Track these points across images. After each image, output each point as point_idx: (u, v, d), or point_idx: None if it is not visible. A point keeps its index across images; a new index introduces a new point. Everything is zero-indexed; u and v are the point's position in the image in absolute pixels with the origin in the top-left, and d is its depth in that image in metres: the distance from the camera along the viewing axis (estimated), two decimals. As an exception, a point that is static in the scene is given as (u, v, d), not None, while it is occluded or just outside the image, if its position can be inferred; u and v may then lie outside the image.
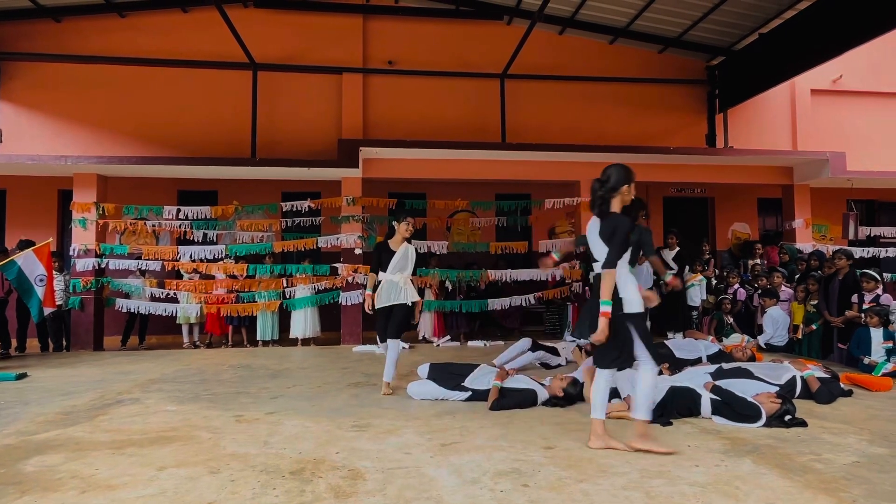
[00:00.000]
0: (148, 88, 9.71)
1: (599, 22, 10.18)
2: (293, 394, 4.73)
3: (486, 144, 8.75)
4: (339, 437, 3.46)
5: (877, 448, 3.24)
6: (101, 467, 2.92)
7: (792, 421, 3.64)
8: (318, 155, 9.31)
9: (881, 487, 2.65)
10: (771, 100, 10.85)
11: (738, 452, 3.15)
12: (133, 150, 9.40)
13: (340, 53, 10.08)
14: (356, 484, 2.69)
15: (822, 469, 2.90)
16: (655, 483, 2.69)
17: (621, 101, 10.65)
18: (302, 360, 6.74)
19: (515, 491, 2.60)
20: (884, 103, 11.24)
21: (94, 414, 4.05)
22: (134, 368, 6.07)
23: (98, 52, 9.48)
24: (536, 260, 8.99)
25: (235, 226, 8.54)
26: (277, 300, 8.13)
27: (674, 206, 10.97)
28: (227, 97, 9.77)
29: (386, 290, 4.70)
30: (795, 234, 9.25)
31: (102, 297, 8.03)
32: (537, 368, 5.80)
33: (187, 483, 2.70)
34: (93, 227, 7.98)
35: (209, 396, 4.63)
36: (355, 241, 8.24)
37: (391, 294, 4.69)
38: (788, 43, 8.76)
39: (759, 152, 9.33)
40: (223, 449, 3.22)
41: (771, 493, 2.59)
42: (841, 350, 6.18)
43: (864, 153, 10.65)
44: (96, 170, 8.00)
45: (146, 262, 8.18)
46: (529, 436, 3.46)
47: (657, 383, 3.26)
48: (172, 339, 8.75)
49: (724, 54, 10.48)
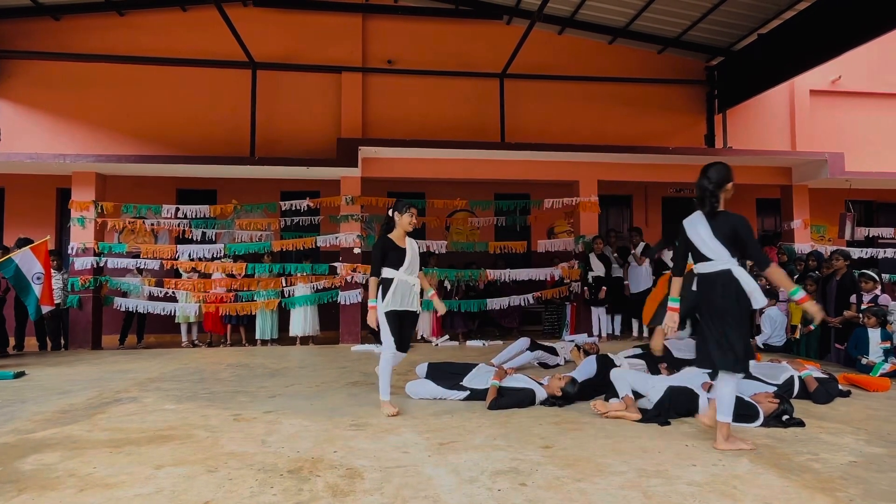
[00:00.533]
0: (147, 87, 9.71)
1: (599, 22, 10.18)
2: (291, 393, 4.73)
3: (485, 144, 8.75)
4: (337, 436, 3.46)
5: (874, 448, 3.25)
6: (98, 466, 2.92)
7: (790, 421, 3.64)
8: (317, 154, 9.31)
9: (878, 487, 2.66)
10: (770, 100, 10.86)
11: (736, 452, 3.15)
12: (132, 148, 9.39)
13: (340, 53, 10.07)
14: (354, 483, 2.69)
15: (820, 469, 2.90)
16: (653, 482, 2.70)
17: (621, 101, 10.66)
18: (300, 359, 6.74)
19: (513, 490, 2.60)
20: (882, 104, 11.26)
21: (92, 412, 4.05)
22: (132, 367, 6.06)
23: (97, 50, 9.47)
24: (554, 257, 8.88)
25: (234, 225, 8.54)
26: (276, 299, 8.13)
27: (673, 206, 10.99)
28: (226, 96, 9.76)
29: (400, 292, 4.03)
30: (794, 234, 9.27)
31: (101, 296, 8.02)
32: (535, 368, 5.81)
33: (185, 482, 2.70)
34: (91, 225, 7.97)
35: (207, 395, 4.63)
36: (354, 240, 8.24)
37: (405, 297, 4.06)
38: (787, 44, 8.76)
39: (758, 153, 9.34)
40: (221, 448, 3.22)
41: (768, 492, 2.59)
42: (839, 350, 6.19)
43: (862, 154, 10.66)
44: (95, 168, 7.99)
45: (144, 260, 8.18)
46: (527, 435, 3.46)
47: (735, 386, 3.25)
48: (171, 338, 8.75)
49: (723, 55, 10.49)
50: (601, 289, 8.14)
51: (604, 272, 8.24)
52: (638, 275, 8.21)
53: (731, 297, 3.12)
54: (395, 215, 4.15)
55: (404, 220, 4.13)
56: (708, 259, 3.21)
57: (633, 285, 8.24)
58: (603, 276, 8.22)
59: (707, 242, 3.20)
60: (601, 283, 8.17)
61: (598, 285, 8.18)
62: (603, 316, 8.33)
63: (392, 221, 4.17)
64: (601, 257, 8.29)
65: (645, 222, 10.64)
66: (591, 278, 8.25)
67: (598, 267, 8.25)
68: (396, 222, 4.15)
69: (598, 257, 8.28)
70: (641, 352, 5.48)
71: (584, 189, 8.81)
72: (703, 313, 3.23)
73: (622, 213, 11.15)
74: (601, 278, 8.20)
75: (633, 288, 8.24)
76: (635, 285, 8.20)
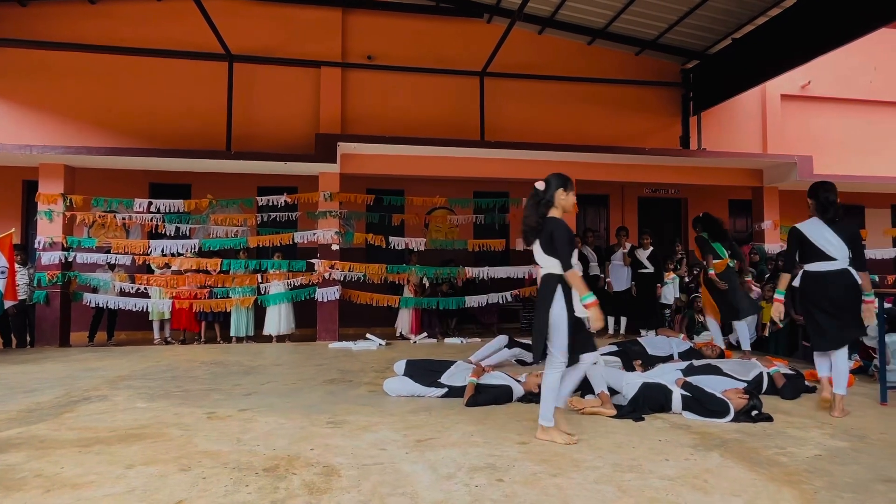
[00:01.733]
0: (120, 78, 9.46)
1: (578, 23, 10.28)
2: (267, 390, 4.68)
3: (464, 142, 8.76)
4: (313, 433, 3.43)
5: (838, 441, 3.36)
6: (66, 465, 2.84)
7: (758, 416, 3.74)
8: (295, 149, 9.20)
9: (841, 479, 2.75)
10: (743, 104, 11.12)
11: (707, 447, 3.22)
12: (103, 140, 9.14)
13: (319, 47, 9.96)
14: (331, 480, 2.67)
15: (787, 462, 2.99)
16: (627, 477, 2.74)
17: (599, 102, 10.78)
18: (277, 356, 6.66)
19: (490, 486, 2.61)
20: (849, 109, 11.62)
21: (60, 411, 3.94)
22: (102, 365, 5.91)
23: (67, 38, 9.17)
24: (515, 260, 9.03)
25: (209, 220, 8.39)
26: (252, 296, 8.01)
27: (648, 206, 11.17)
28: (201, 89, 9.57)
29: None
30: (765, 234, 9.51)
31: (69, 292, 7.80)
32: (513, 365, 5.84)
33: (157, 481, 2.65)
34: (59, 219, 7.74)
35: (181, 393, 4.54)
36: (332, 236, 8.17)
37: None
38: (760, 48, 8.98)
39: (731, 155, 9.55)
40: (194, 446, 3.16)
41: (738, 485, 2.66)
42: (806, 347, 6.37)
43: (829, 157, 10.99)
44: (64, 160, 7.76)
45: (115, 255, 7.98)
46: (505, 431, 3.49)
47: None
48: (143, 336, 8.56)
49: (698, 58, 10.69)
50: (579, 287, 8.22)
51: (582, 271, 8.33)
52: (620, 274, 8.33)
53: (851, 291, 3.85)
54: (557, 192, 3.30)
55: (570, 199, 3.36)
56: (831, 259, 3.89)
57: (616, 284, 8.34)
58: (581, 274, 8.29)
59: (834, 244, 3.88)
60: (579, 282, 8.25)
61: (576, 284, 8.25)
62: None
63: (552, 200, 3.31)
64: (579, 256, 8.38)
65: (622, 222, 10.79)
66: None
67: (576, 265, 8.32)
68: (557, 201, 3.32)
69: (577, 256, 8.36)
70: (617, 349, 5.56)
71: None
72: (821, 304, 3.90)
73: (599, 213, 11.29)
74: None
75: (615, 286, 8.34)
76: (618, 284, 8.31)
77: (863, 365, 5.55)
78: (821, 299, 3.90)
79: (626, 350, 5.49)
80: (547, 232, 3.28)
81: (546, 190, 3.33)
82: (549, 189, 3.33)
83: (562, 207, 3.36)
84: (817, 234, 3.94)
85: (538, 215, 3.33)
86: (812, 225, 3.99)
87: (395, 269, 8.40)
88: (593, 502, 2.45)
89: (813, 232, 3.96)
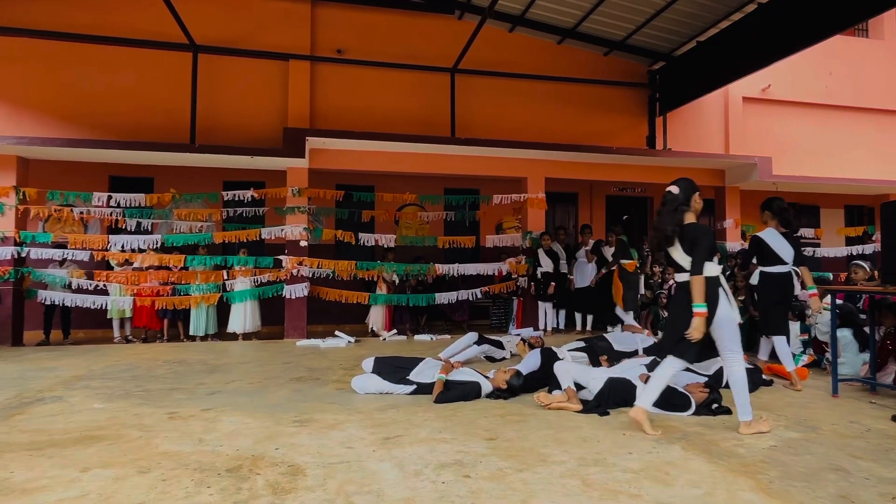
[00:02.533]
0: (77, 66, 9.06)
1: (548, 22, 10.36)
2: (232, 389, 4.58)
3: (435, 138, 8.74)
4: (279, 432, 3.38)
5: (792, 433, 3.49)
6: (16, 469, 2.73)
7: (718, 409, 3.86)
8: (262, 143, 9.01)
9: (794, 469, 2.86)
10: (706, 105, 11.41)
11: (669, 440, 3.31)
12: (59, 131, 8.76)
13: (287, 39, 9.76)
14: (296, 479, 2.64)
15: (744, 453, 3.09)
16: (592, 470, 2.79)
17: (567, 101, 10.90)
18: (242, 354, 6.53)
19: (457, 482, 2.62)
20: (806, 113, 12.05)
21: (10, 413, 3.78)
22: (57, 365, 5.69)
23: (20, 24, 8.75)
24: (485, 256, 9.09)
25: (172, 215, 8.16)
26: (217, 293, 7.83)
27: (615, 204, 11.36)
28: (164, 79, 9.27)
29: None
30: (726, 233, 9.80)
31: (23, 289, 7.47)
32: (482, 361, 5.88)
33: (114, 484, 2.57)
34: (12, 212, 7.41)
35: (141, 393, 4.41)
36: (300, 232, 8.05)
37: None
38: (723, 52, 9.22)
39: (695, 155, 9.80)
40: (154, 447, 3.08)
41: (698, 476, 2.74)
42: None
43: (788, 159, 11.39)
44: (16, 151, 7.43)
45: (72, 251, 7.68)
46: (473, 428, 3.50)
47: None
48: (103, 334, 8.27)
49: (664, 59, 10.92)
50: (550, 284, 8.34)
51: (552, 268, 8.44)
52: (584, 271, 8.48)
53: (792, 289, 4.89)
54: (694, 196, 3.46)
55: (698, 200, 3.49)
56: (784, 262, 4.81)
57: (579, 280, 8.50)
58: (551, 271, 8.41)
59: (786, 252, 4.79)
60: (549, 279, 8.36)
61: (547, 281, 8.37)
62: (549, 310, 8.54)
63: (687, 203, 3.43)
64: (549, 253, 8.47)
65: (590, 219, 10.96)
66: (540, 274, 8.44)
67: (546, 263, 8.43)
68: (693, 205, 3.45)
69: (547, 253, 8.46)
70: (584, 345, 5.65)
71: (532, 186, 8.96)
72: (775, 297, 4.87)
73: (568, 211, 11.43)
74: (549, 274, 8.40)
75: (578, 283, 8.51)
76: (581, 280, 8.47)
77: (816, 359, 5.79)
78: (774, 294, 4.87)
79: (593, 346, 5.59)
80: (690, 239, 3.38)
81: (682, 193, 3.46)
82: (685, 193, 3.46)
83: (695, 210, 3.50)
84: (776, 242, 4.85)
85: (674, 223, 3.41)
86: (770, 234, 4.90)
87: (365, 265, 8.33)
88: (558, 496, 2.49)
89: (772, 240, 4.87)
